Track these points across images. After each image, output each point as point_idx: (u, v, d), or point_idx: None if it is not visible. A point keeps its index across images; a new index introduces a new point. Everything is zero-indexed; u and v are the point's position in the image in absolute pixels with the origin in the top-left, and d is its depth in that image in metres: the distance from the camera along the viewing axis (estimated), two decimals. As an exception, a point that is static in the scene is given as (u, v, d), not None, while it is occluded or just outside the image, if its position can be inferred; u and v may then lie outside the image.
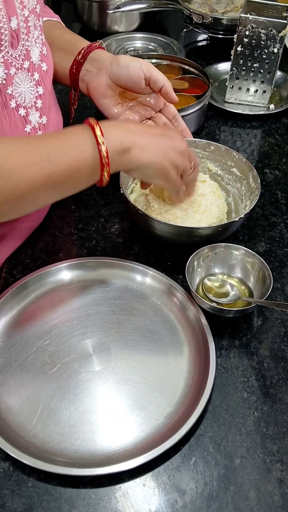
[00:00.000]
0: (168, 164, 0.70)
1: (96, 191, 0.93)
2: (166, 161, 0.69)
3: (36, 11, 0.69)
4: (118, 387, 0.64)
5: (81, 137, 0.63)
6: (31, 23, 0.68)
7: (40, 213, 0.85)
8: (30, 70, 0.70)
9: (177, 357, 0.68)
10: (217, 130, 1.09)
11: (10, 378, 0.65)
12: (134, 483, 0.57)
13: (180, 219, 0.81)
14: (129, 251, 0.82)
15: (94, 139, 0.63)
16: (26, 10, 0.66)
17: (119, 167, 0.68)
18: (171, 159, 0.70)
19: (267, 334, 0.72)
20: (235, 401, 0.65)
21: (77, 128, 0.65)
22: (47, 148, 0.61)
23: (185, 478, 0.58)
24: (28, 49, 0.69)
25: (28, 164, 0.59)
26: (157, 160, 0.68)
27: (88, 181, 0.66)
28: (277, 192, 0.95)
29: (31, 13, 0.67)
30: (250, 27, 1.04)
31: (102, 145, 0.62)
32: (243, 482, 0.58)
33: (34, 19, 0.69)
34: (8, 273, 0.79)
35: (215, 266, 0.77)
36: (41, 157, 0.60)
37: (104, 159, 0.63)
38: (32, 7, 0.68)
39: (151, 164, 0.68)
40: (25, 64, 0.69)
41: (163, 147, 0.69)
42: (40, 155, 0.60)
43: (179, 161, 0.71)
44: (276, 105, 1.15)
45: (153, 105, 0.82)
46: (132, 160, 0.67)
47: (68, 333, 0.70)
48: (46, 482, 0.57)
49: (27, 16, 0.66)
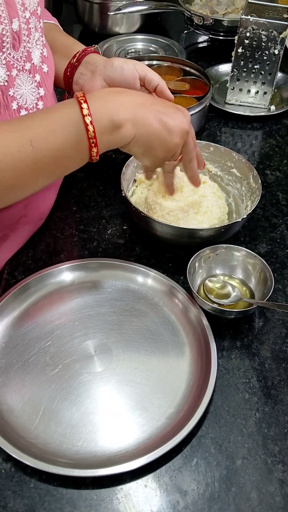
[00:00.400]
0: (158, 146, 0.67)
1: (98, 193, 0.93)
2: (158, 143, 0.66)
3: (37, 12, 0.69)
4: (119, 388, 0.65)
5: (66, 117, 0.60)
6: (32, 25, 0.68)
7: (41, 214, 0.85)
8: (31, 71, 0.70)
9: (179, 358, 0.68)
10: (218, 131, 1.10)
11: (12, 379, 0.65)
12: (135, 484, 0.57)
13: (182, 220, 0.81)
14: (130, 252, 0.83)
15: (81, 118, 0.59)
16: (27, 12, 0.66)
17: (109, 146, 0.64)
18: (163, 141, 0.66)
19: (269, 335, 0.72)
20: (237, 402, 0.65)
21: (64, 105, 0.62)
22: (30, 133, 0.58)
23: (187, 479, 0.58)
24: (29, 51, 0.69)
25: (11, 153, 0.57)
26: (148, 140, 0.65)
27: (78, 163, 0.64)
28: (278, 193, 0.95)
29: (32, 14, 0.68)
30: (251, 29, 1.04)
31: (90, 125, 0.59)
32: (244, 483, 0.58)
33: (35, 21, 0.69)
34: (9, 274, 0.79)
35: (216, 267, 0.77)
36: (23, 143, 0.57)
37: (91, 139, 0.60)
38: (33, 9, 0.68)
39: (139, 143, 0.65)
40: (26, 65, 0.69)
41: (158, 126, 0.65)
42: (22, 141, 0.57)
43: (172, 145, 0.67)
44: (277, 106, 1.15)
45: None
46: (123, 137, 0.64)
47: (70, 334, 0.70)
48: (48, 483, 0.57)
49: (28, 18, 0.67)
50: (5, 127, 0.59)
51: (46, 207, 0.86)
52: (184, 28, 1.41)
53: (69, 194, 0.93)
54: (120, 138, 0.63)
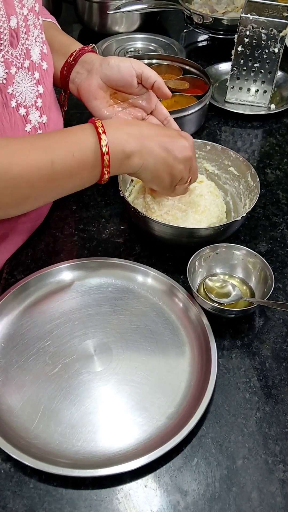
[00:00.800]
0: (164, 173, 0.72)
1: (97, 192, 0.93)
2: (164, 170, 0.72)
3: (35, 9, 0.69)
4: (119, 388, 0.64)
5: (85, 144, 0.65)
6: (31, 22, 0.68)
7: (40, 213, 0.84)
8: (30, 69, 0.70)
9: (179, 358, 0.68)
10: (218, 130, 1.09)
11: (11, 379, 0.65)
12: (136, 484, 0.57)
13: (180, 220, 0.81)
14: (130, 251, 0.82)
15: (98, 144, 0.65)
16: (25, 9, 0.66)
17: (119, 172, 0.71)
18: (169, 168, 0.72)
19: (269, 335, 0.72)
20: (237, 401, 0.64)
21: (82, 130, 0.66)
22: (52, 153, 0.62)
23: (187, 479, 0.58)
24: (28, 48, 0.68)
25: (31, 170, 0.61)
26: (154, 168, 0.71)
27: (89, 182, 0.69)
28: (279, 192, 0.95)
29: (30, 11, 0.67)
30: (251, 27, 1.04)
31: (106, 155, 0.65)
32: (245, 483, 0.57)
33: (33, 18, 0.68)
34: (9, 273, 0.78)
35: (216, 266, 0.77)
36: (45, 163, 0.62)
37: (105, 167, 0.66)
38: (31, 6, 0.68)
39: (146, 171, 0.71)
40: (25, 63, 0.68)
41: (163, 155, 0.70)
42: (44, 160, 0.62)
43: (177, 171, 0.73)
44: (277, 105, 1.14)
45: (144, 106, 0.81)
46: (130, 167, 0.69)
47: (69, 333, 0.70)
48: (48, 483, 0.57)
49: (26, 15, 0.66)
50: (28, 144, 0.63)
51: (45, 206, 0.85)
52: (183, 27, 1.40)
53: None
54: (129, 167, 0.69)
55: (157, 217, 0.80)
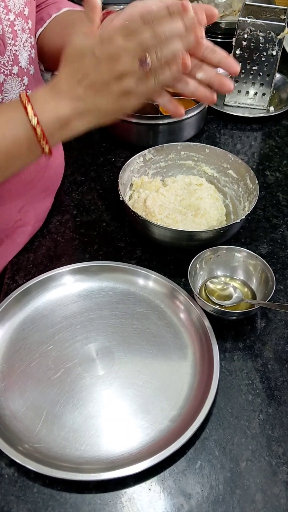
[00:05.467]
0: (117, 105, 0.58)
1: (98, 196, 0.93)
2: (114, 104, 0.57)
3: (24, 14, 0.67)
4: (122, 391, 0.64)
5: (13, 121, 0.57)
6: (19, 27, 0.67)
7: (37, 218, 0.84)
8: (19, 74, 0.69)
9: (181, 361, 0.68)
10: (217, 133, 1.10)
11: (14, 383, 0.65)
12: (139, 488, 0.57)
13: (181, 223, 0.81)
14: (131, 255, 0.82)
15: (27, 120, 0.56)
16: (12, 14, 0.65)
17: (62, 139, 0.61)
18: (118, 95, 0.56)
19: (271, 336, 0.72)
20: (240, 403, 0.64)
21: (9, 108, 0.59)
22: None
23: (191, 482, 0.57)
24: (16, 54, 0.67)
25: None
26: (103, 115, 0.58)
27: (31, 159, 0.62)
28: (279, 194, 0.95)
29: (17, 16, 0.66)
30: (249, 30, 1.04)
31: (37, 126, 0.56)
32: (249, 485, 0.57)
33: (22, 22, 0.67)
34: (10, 278, 0.79)
35: (217, 268, 0.77)
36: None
37: (41, 139, 0.57)
38: (19, 10, 0.66)
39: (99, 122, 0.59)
40: (14, 69, 0.67)
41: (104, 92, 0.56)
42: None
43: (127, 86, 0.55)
44: (276, 107, 1.15)
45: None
46: (74, 131, 0.59)
47: (71, 338, 0.70)
48: (51, 488, 0.57)
49: (13, 20, 0.65)
50: None
51: (42, 209, 0.86)
52: (182, 31, 1.41)
53: (69, 198, 0.93)
54: (74, 132, 0.59)
55: (157, 221, 0.80)
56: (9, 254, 0.82)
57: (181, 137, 1.03)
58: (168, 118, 0.99)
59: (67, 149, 0.95)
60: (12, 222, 0.79)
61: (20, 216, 0.80)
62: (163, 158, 0.91)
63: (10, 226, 0.79)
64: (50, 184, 0.87)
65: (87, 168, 1.00)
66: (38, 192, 0.82)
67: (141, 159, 0.89)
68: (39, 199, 0.84)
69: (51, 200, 0.89)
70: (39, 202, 0.84)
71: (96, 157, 1.02)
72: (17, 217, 0.79)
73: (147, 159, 0.90)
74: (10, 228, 0.79)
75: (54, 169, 0.86)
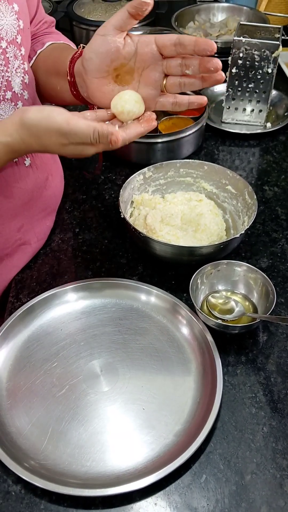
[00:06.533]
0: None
1: (99, 214, 0.95)
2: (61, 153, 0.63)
3: (16, 41, 0.69)
4: (126, 407, 0.65)
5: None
6: (11, 54, 0.69)
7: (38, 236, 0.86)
8: (13, 100, 0.71)
9: (184, 375, 0.68)
10: (216, 150, 1.11)
11: (20, 401, 0.66)
12: (145, 503, 0.57)
13: (182, 239, 0.82)
14: (133, 271, 0.83)
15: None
16: (4, 42, 0.67)
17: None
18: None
19: (273, 349, 0.72)
20: (244, 417, 0.65)
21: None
22: None
23: (197, 496, 0.58)
24: (9, 80, 0.69)
25: None
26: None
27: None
28: (277, 208, 0.96)
29: (10, 44, 0.68)
30: (244, 49, 1.06)
31: None
32: (254, 498, 0.58)
33: (14, 49, 0.69)
34: (14, 297, 0.80)
35: (218, 283, 0.78)
36: None
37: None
38: (12, 38, 0.68)
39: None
40: (7, 95, 0.69)
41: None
42: None
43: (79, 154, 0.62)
44: (272, 123, 1.17)
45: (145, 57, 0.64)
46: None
47: (75, 354, 0.71)
48: (58, 504, 0.57)
49: (5, 47, 0.67)
50: None
51: (43, 228, 0.87)
52: (179, 51, 1.43)
53: (71, 216, 0.94)
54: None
55: (158, 237, 0.81)
56: (11, 273, 0.83)
57: (180, 154, 1.05)
58: (167, 136, 1.01)
59: (68, 168, 0.97)
60: (12, 241, 0.80)
61: (20, 235, 0.81)
62: (162, 176, 0.93)
63: (10, 245, 0.80)
64: (49, 203, 0.88)
65: (88, 186, 1.01)
66: (37, 211, 0.84)
67: (141, 177, 0.91)
68: (38, 218, 0.85)
69: (52, 219, 0.90)
70: (38, 221, 0.85)
71: (96, 175, 1.04)
72: (16, 236, 0.80)
73: (147, 176, 0.91)
74: (10, 247, 0.80)
75: (53, 189, 0.87)
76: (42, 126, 0.59)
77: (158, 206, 0.88)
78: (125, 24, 0.62)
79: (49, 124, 0.59)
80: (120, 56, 0.63)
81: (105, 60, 0.64)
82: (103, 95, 0.67)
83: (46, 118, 0.59)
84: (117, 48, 0.63)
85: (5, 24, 0.66)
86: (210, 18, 1.46)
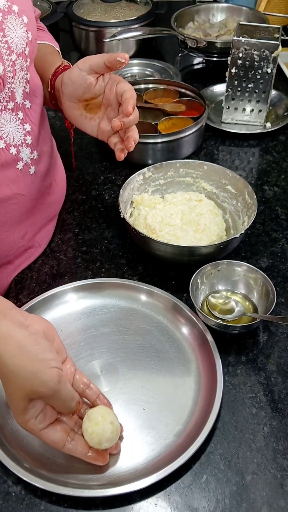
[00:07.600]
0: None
1: (99, 214, 0.95)
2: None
3: (24, 53, 0.69)
4: (127, 407, 0.65)
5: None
6: (18, 66, 0.68)
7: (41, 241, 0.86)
8: (14, 110, 0.71)
9: (185, 375, 0.68)
10: (215, 150, 1.11)
11: (20, 401, 0.65)
12: (146, 503, 0.57)
13: (182, 239, 0.82)
14: (133, 271, 0.83)
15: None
16: (14, 55, 0.66)
17: None
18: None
19: (273, 349, 0.72)
20: (244, 417, 0.65)
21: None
22: None
23: (197, 496, 0.58)
24: (14, 91, 0.69)
25: None
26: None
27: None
28: (277, 208, 0.96)
29: (19, 56, 0.67)
30: (243, 49, 1.06)
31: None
32: (255, 498, 0.57)
33: (21, 61, 0.69)
34: (14, 297, 0.80)
35: (218, 283, 0.78)
36: None
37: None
38: (21, 50, 0.68)
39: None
40: (9, 105, 0.69)
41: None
42: None
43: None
44: (272, 123, 1.17)
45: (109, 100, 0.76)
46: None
47: (76, 355, 0.70)
48: (58, 505, 0.57)
49: (15, 60, 0.67)
50: None
51: (45, 233, 0.87)
52: (178, 51, 1.44)
53: (71, 217, 0.94)
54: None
55: (158, 237, 0.81)
56: (11, 275, 0.83)
57: (180, 154, 1.05)
58: (167, 136, 1.01)
59: (68, 169, 0.97)
60: (15, 248, 0.80)
61: (24, 243, 0.81)
62: (162, 176, 0.93)
63: (13, 252, 0.80)
64: (53, 209, 0.88)
65: (88, 187, 1.01)
66: (41, 218, 0.84)
67: (141, 177, 0.91)
68: (42, 224, 0.85)
69: (54, 223, 0.90)
70: (42, 227, 0.85)
71: (96, 176, 1.04)
72: (20, 243, 0.80)
73: (147, 177, 0.91)
74: (13, 253, 0.80)
75: (56, 195, 0.88)
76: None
77: (158, 206, 0.88)
78: (100, 70, 0.73)
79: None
80: (91, 91, 0.75)
81: (78, 91, 0.75)
82: (73, 116, 0.79)
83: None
84: (90, 84, 0.74)
85: (15, 37, 0.66)
86: (210, 19, 1.46)
